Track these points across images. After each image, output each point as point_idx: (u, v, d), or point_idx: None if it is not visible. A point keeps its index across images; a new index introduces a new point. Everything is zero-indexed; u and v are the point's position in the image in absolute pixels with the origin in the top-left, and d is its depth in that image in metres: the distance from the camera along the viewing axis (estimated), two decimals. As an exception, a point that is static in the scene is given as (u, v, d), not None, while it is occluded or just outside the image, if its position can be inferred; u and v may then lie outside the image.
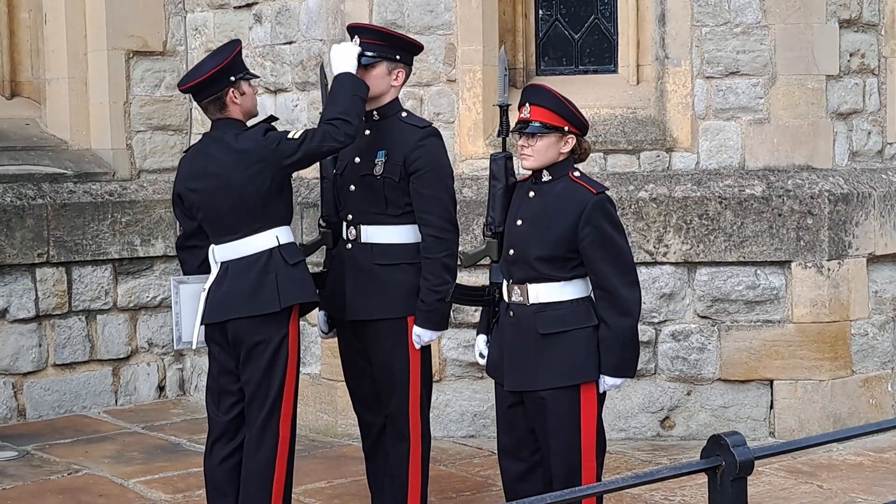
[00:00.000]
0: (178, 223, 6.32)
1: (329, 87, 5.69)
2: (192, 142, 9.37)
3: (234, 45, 5.75)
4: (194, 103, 9.28)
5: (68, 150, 9.18)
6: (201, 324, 5.70)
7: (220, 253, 5.67)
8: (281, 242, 5.63)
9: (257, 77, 5.99)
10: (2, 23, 9.26)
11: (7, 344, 8.61)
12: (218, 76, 5.64)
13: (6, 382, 8.63)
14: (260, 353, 5.56)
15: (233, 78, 5.65)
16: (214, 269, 5.68)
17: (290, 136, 5.56)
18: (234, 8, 8.95)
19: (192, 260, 5.87)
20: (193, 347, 5.84)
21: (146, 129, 9.31)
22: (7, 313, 8.59)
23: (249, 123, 5.77)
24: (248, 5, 8.83)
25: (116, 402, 9.12)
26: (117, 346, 9.11)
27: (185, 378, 9.41)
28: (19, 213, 8.61)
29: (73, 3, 9.14)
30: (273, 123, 5.78)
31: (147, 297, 9.20)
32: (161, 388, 9.34)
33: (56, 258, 8.77)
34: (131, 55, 9.23)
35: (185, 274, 5.92)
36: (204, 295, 5.68)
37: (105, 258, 9.00)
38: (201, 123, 9.35)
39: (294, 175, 8.42)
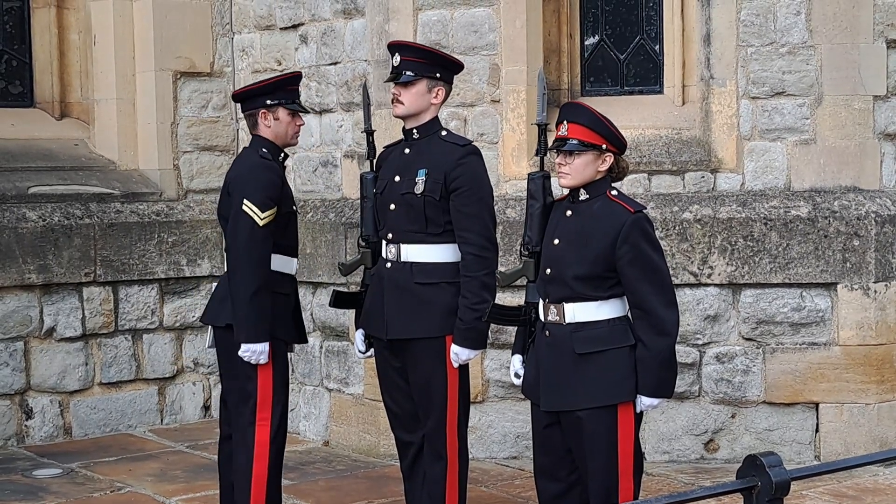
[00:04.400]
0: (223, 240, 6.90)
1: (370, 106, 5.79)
2: (239, 162, 9.43)
3: (290, 74, 6.15)
4: (241, 124, 9.42)
5: (116, 170, 9.27)
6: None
7: None
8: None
9: (304, 111, 6.13)
10: (52, 44, 9.37)
11: (54, 362, 8.68)
12: (255, 94, 5.95)
13: (53, 401, 8.70)
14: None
15: (269, 101, 5.91)
16: None
17: (249, 209, 5.75)
18: (281, 29, 9.00)
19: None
20: (207, 346, 6.50)
21: (193, 149, 9.38)
22: (54, 332, 8.66)
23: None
24: (295, 26, 8.88)
25: (162, 420, 9.17)
26: (163, 365, 9.17)
27: (231, 398, 9.42)
28: (67, 233, 8.69)
29: (122, 25, 9.23)
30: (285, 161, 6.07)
31: (193, 316, 9.25)
32: (206, 408, 9.38)
33: (103, 277, 8.84)
34: (179, 76, 9.31)
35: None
36: None
37: (151, 278, 9.07)
38: (247, 144, 9.39)
39: (338, 195, 8.52)
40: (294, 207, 6.05)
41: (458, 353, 5.62)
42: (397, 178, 5.75)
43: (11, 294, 8.52)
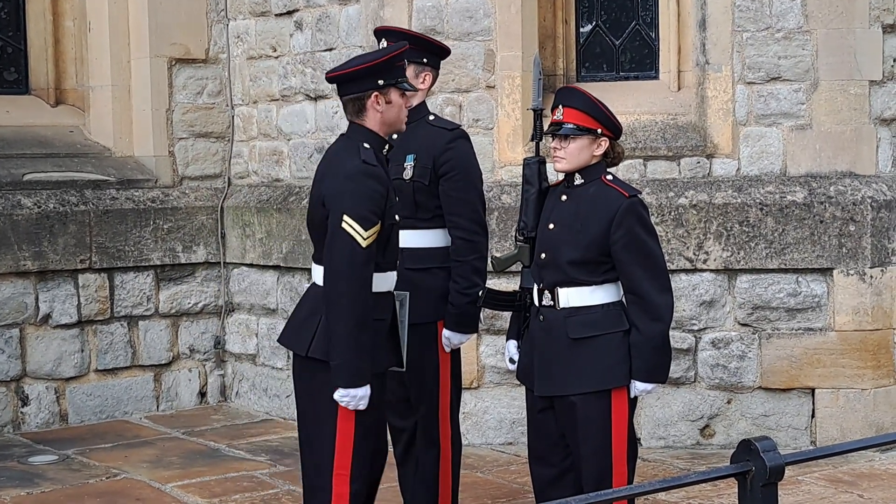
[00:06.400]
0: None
1: None
2: (234, 149, 9.43)
3: (400, 45, 5.11)
4: (236, 110, 9.41)
5: (111, 156, 9.26)
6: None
7: (312, 269, 5.18)
8: None
9: (414, 90, 5.34)
10: (47, 31, 9.35)
11: (50, 349, 8.68)
12: (366, 74, 4.97)
13: (49, 387, 8.70)
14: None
15: (382, 82, 4.98)
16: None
17: (350, 227, 4.82)
18: (276, 15, 8.99)
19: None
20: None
21: (188, 136, 9.36)
22: (50, 319, 8.66)
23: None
24: (290, 13, 8.86)
25: (158, 407, 9.16)
26: (159, 352, 9.16)
27: (227, 384, 9.44)
28: (62, 220, 8.68)
29: (117, 12, 9.22)
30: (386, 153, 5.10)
31: (189, 303, 9.25)
32: (202, 394, 9.38)
33: (98, 264, 8.83)
34: (174, 63, 9.29)
35: None
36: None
37: (147, 264, 9.06)
38: (243, 131, 9.40)
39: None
40: (397, 217, 5.09)
41: (449, 338, 5.63)
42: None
43: (7, 281, 8.51)
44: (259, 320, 9.15)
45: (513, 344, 5.36)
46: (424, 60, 5.71)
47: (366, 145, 4.97)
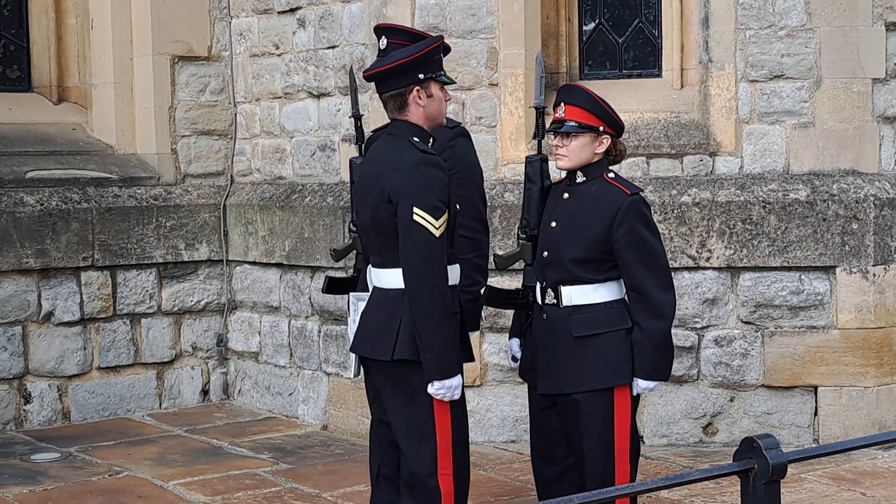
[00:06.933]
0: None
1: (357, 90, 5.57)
2: (237, 147, 9.42)
3: (435, 39, 5.11)
4: (239, 108, 9.40)
5: (114, 154, 9.26)
6: (350, 351, 5.23)
7: (370, 274, 5.11)
8: None
9: (453, 82, 5.21)
10: (50, 29, 9.36)
11: (52, 347, 8.68)
12: (405, 69, 4.92)
13: (51, 385, 8.70)
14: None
15: (422, 76, 4.94)
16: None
17: (422, 219, 4.77)
18: (279, 13, 8.98)
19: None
20: (354, 376, 5.33)
21: (191, 133, 9.36)
22: (52, 316, 8.66)
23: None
24: (292, 10, 8.86)
25: (160, 405, 9.17)
26: (161, 349, 9.16)
27: (230, 382, 9.44)
28: (65, 217, 8.68)
29: (120, 9, 9.22)
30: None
31: (191, 301, 9.25)
32: (205, 392, 9.38)
33: (101, 262, 8.83)
34: (176, 60, 9.29)
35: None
36: (356, 319, 5.13)
37: (150, 262, 9.06)
38: (246, 128, 9.39)
39: (336, 179, 8.51)
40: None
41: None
42: None
43: (9, 279, 8.51)
44: (262, 318, 9.15)
45: (515, 342, 5.36)
46: None
47: (415, 138, 4.93)
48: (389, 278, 4.93)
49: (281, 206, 8.82)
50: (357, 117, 6.00)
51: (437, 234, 4.76)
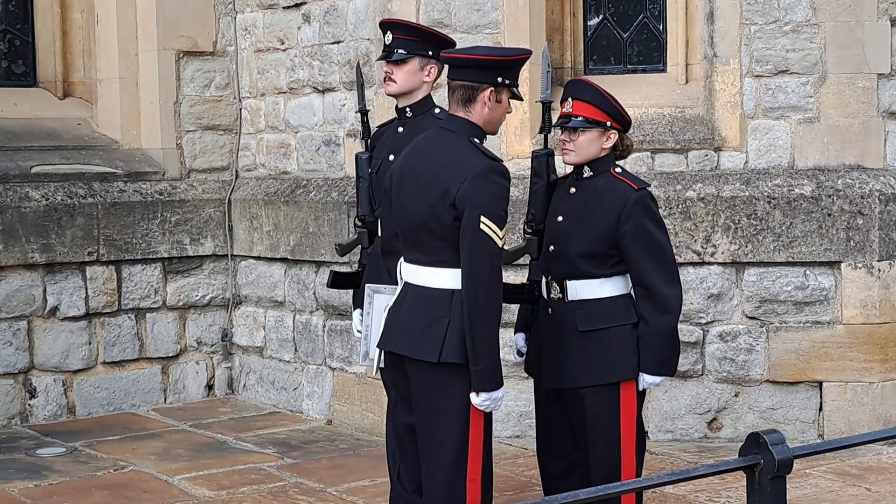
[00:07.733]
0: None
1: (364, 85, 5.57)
2: (242, 142, 9.43)
3: (526, 50, 5.01)
4: (244, 103, 9.40)
5: (119, 149, 9.26)
6: (377, 347, 5.07)
7: (405, 271, 4.95)
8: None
9: (521, 98, 5.02)
10: (55, 24, 9.36)
11: (57, 342, 8.69)
12: (489, 65, 4.79)
13: (56, 380, 8.71)
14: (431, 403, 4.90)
15: (500, 79, 4.78)
16: (399, 287, 4.97)
17: (489, 229, 4.64)
18: (284, 8, 8.98)
19: (394, 267, 5.07)
20: (374, 371, 5.27)
21: (196, 128, 9.36)
22: (57, 311, 8.66)
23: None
24: (297, 5, 8.86)
25: (165, 400, 9.17)
26: (166, 344, 9.17)
27: (234, 377, 9.45)
28: (70, 212, 8.68)
29: (125, 4, 9.22)
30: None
31: (196, 295, 9.26)
32: (210, 387, 9.39)
33: (106, 257, 8.84)
34: (181, 55, 9.29)
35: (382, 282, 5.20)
36: (384, 315, 5.01)
37: (155, 257, 9.07)
38: (251, 124, 9.40)
39: (341, 174, 8.51)
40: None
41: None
42: (392, 157, 5.73)
43: (15, 273, 8.52)
44: (266, 313, 9.16)
45: (521, 336, 5.36)
46: (430, 53, 5.70)
47: (476, 139, 4.79)
48: (436, 278, 4.79)
49: (286, 201, 8.83)
50: (363, 112, 6.02)
51: (501, 243, 4.66)
